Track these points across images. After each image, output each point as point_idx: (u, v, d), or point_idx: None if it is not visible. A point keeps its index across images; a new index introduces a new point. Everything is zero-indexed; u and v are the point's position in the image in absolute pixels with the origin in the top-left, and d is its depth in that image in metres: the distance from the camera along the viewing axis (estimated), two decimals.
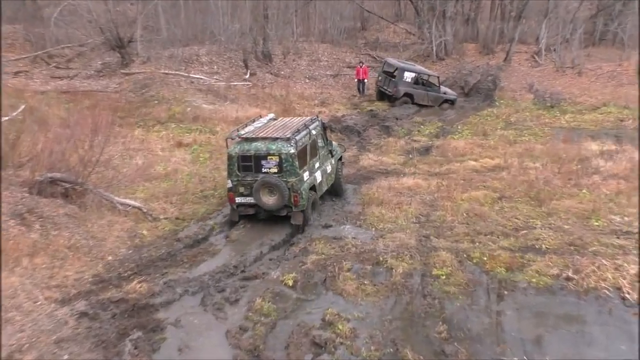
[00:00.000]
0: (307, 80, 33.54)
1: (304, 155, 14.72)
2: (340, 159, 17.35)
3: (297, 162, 14.21)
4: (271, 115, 16.75)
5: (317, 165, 15.49)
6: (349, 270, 12.04)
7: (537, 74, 35.02)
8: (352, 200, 16.29)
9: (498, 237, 13.43)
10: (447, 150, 21.49)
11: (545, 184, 16.73)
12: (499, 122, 26.34)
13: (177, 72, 29.93)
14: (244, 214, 14.74)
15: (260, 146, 14.22)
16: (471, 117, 27.48)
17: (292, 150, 14.13)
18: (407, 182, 17.41)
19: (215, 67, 32.67)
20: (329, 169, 16.28)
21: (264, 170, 14.21)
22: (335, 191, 16.80)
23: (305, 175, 14.69)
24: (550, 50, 37.58)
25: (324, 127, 16.54)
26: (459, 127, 25.44)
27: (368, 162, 20.26)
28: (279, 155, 14.06)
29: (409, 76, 29.39)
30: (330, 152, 16.65)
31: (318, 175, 15.45)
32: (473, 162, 19.66)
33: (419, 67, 31.56)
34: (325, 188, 16.05)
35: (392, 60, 31.43)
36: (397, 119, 26.76)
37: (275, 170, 14.16)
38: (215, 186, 17.05)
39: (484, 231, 13.74)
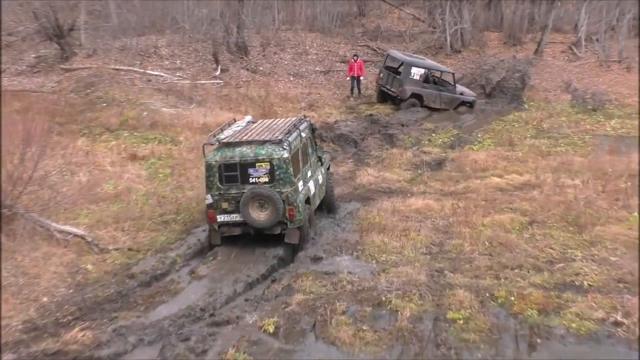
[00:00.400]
0: (291, 78, 33.68)
1: (297, 162, 15.00)
2: (328, 167, 17.74)
3: (291, 169, 14.49)
4: (249, 118, 17.01)
5: (309, 174, 15.78)
6: (343, 313, 12.01)
7: (576, 69, 35.32)
8: (348, 226, 16.30)
9: (528, 272, 13.45)
10: (465, 164, 21.57)
11: (586, 206, 16.80)
12: (529, 129, 26.51)
13: (130, 68, 29.99)
14: (228, 236, 14.91)
15: (247, 152, 14.50)
16: (494, 123, 27.66)
17: (286, 155, 14.38)
18: (416, 203, 17.45)
19: (178, 61, 32.77)
20: (320, 178, 16.57)
21: (251, 180, 14.46)
22: (327, 206, 17.06)
23: (300, 184, 14.93)
24: (592, 41, 37.93)
25: (313, 130, 16.83)
26: (479, 136, 25.58)
27: (367, 178, 20.31)
28: (270, 162, 14.33)
29: (417, 73, 29.56)
30: (320, 159, 16.94)
31: (311, 186, 15.75)
32: (497, 179, 19.74)
33: (429, 62, 31.76)
34: (318, 202, 16.29)
35: (396, 53, 31.61)
36: (402, 125, 26.88)
37: (266, 180, 14.42)
38: (178, 209, 17.03)
39: (510, 264, 13.76)
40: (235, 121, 16.74)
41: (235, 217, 14.65)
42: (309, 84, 33.31)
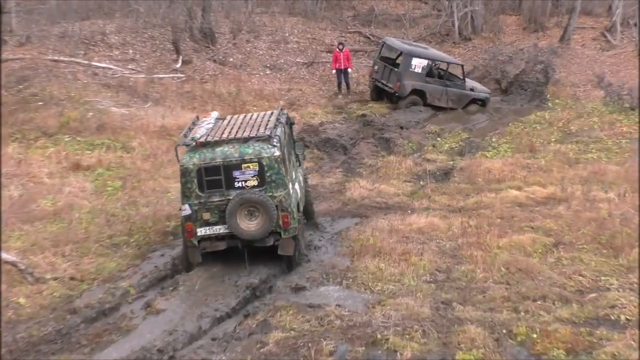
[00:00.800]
0: (267, 71, 33.76)
1: (285, 161, 15.21)
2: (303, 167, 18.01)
3: (283, 169, 14.77)
4: (215, 114, 17.09)
5: (294, 175, 16.08)
6: (331, 354, 12.00)
7: (610, 60, 35.57)
8: (336, 249, 16.32)
9: (554, 304, 13.48)
10: (476, 174, 21.67)
11: (623, 224, 16.85)
12: (553, 132, 26.67)
13: (72, 59, 29.94)
14: (210, 252, 15.06)
15: (230, 151, 14.66)
16: (512, 124, 27.82)
17: (277, 153, 14.64)
18: (418, 221, 17.49)
19: (131, 51, 32.77)
20: (301, 179, 16.87)
21: (237, 184, 14.66)
22: (305, 212, 17.01)
23: (290, 187, 15.19)
24: (629, 26, 38.22)
25: (291, 124, 17.16)
26: (494, 140, 25.71)
27: (359, 192, 20.36)
28: (259, 162, 14.56)
29: (419, 64, 29.67)
30: (298, 157, 17.17)
31: (297, 189, 16.07)
32: (515, 192, 19.83)
33: (433, 52, 31.91)
34: (302, 207, 16.40)
35: (393, 42, 31.71)
36: (401, 128, 26.99)
37: (255, 183, 14.65)
38: (130, 229, 17.00)
39: (532, 295, 13.79)
40: (199, 119, 16.78)
41: (219, 229, 14.79)
42: (289, 78, 33.40)
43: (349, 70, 32.10)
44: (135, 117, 25.01)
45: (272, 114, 16.47)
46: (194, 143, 14.91)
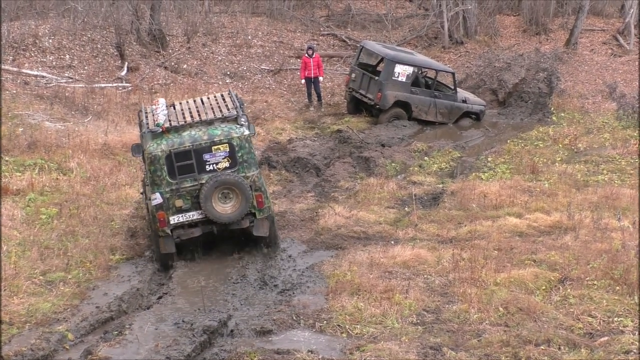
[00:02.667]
0: (227, 80, 33.83)
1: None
2: None
3: (254, 149, 17.02)
4: (163, 101, 18.30)
5: None
6: None
7: (623, 67, 35.89)
8: (308, 286, 16.35)
9: (559, 349, 13.55)
10: (470, 199, 21.75)
11: (638, 257, 16.99)
12: (559, 150, 26.82)
13: None
14: (185, 239, 16.96)
15: (199, 135, 16.64)
16: (510, 141, 27.98)
17: (247, 132, 16.77)
18: (402, 254, 17.53)
19: (68, 56, 32.76)
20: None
21: (208, 167, 16.65)
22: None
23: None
24: None
25: (242, 105, 18.12)
26: (490, 160, 25.84)
27: (334, 219, 20.38)
28: (230, 142, 16.61)
29: (403, 72, 29.79)
30: None
31: None
32: (515, 220, 19.92)
33: (420, 57, 32.07)
34: None
35: (374, 46, 31.86)
36: (383, 145, 27.09)
37: (227, 165, 16.70)
38: (68, 264, 16.93)
39: (534, 338, 13.86)
40: (145, 109, 18.25)
41: (193, 216, 16.73)
42: (252, 87, 33.48)
43: (320, 79, 32.14)
44: (73, 133, 24.94)
45: (222, 95, 18.47)
46: (160, 129, 16.54)
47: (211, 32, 37.03)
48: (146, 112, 17.98)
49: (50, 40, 33.28)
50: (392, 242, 18.68)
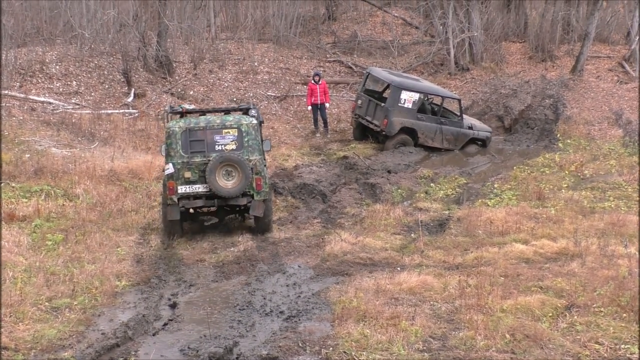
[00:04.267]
0: (234, 106, 33.89)
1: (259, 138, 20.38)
2: None
3: (259, 137, 20.23)
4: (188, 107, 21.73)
5: (265, 169, 20.74)
6: None
7: (629, 94, 35.91)
8: (314, 313, 16.33)
9: None
10: (476, 226, 21.76)
11: (639, 282, 17.00)
12: (565, 176, 26.83)
13: (6, 92, 29.97)
14: (189, 208, 20.20)
15: (213, 118, 20.16)
16: (517, 168, 28.02)
17: (255, 122, 20.09)
18: (408, 280, 17.51)
19: (75, 83, 32.88)
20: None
21: (217, 147, 19.75)
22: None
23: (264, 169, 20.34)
24: None
25: (260, 122, 21.29)
26: (496, 186, 25.86)
27: (340, 246, 20.37)
28: (239, 128, 19.84)
29: (409, 99, 29.88)
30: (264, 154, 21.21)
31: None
32: (521, 246, 19.90)
33: (426, 84, 32.17)
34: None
35: (380, 72, 31.96)
36: (389, 172, 27.15)
37: (234, 147, 19.80)
38: (74, 290, 16.93)
39: None
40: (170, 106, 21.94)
41: (198, 188, 19.73)
42: (259, 113, 33.56)
43: (326, 105, 32.22)
44: (80, 159, 25.03)
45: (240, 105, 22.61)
46: (181, 110, 20.79)
47: (218, 58, 37.17)
48: (173, 106, 22.19)
49: (57, 67, 33.41)
50: (399, 268, 18.65)
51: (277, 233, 21.07)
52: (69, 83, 32.63)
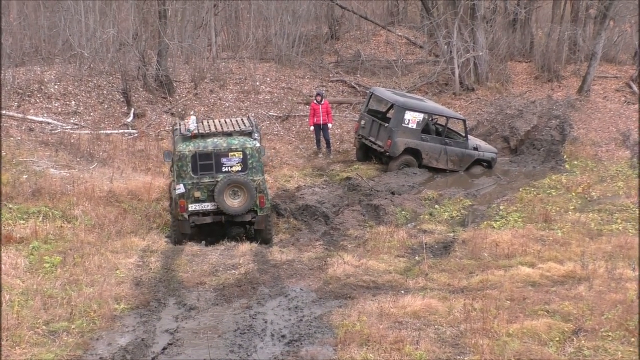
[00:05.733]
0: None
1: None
2: None
3: (262, 159, 22.33)
4: (194, 118, 23.17)
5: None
6: None
7: (636, 114, 35.88)
8: (316, 337, 16.29)
9: None
10: (482, 248, 21.73)
11: (638, 302, 16.97)
12: (572, 198, 26.81)
13: (3, 112, 29.98)
14: (199, 224, 22.29)
15: (220, 142, 22.12)
16: (523, 189, 28.02)
17: (258, 145, 22.18)
18: (412, 303, 17.48)
19: (74, 102, 32.94)
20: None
21: (224, 169, 21.97)
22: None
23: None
24: None
25: (257, 127, 23.68)
26: (502, 208, 25.84)
27: (343, 269, 20.35)
28: (243, 151, 22.00)
29: (413, 119, 29.86)
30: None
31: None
32: (527, 269, 19.87)
33: (431, 104, 32.15)
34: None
35: (383, 92, 31.96)
36: (393, 193, 27.12)
37: (239, 169, 22.07)
38: (71, 314, 16.89)
39: None
40: (179, 122, 23.74)
41: (207, 206, 22.02)
42: (260, 134, 33.55)
43: (329, 125, 32.21)
44: (78, 180, 25.03)
45: (242, 119, 24.20)
46: (190, 134, 22.01)
47: (219, 78, 37.22)
48: (180, 123, 23.43)
49: (56, 86, 33.48)
50: (402, 291, 18.62)
51: (278, 255, 21.03)
52: (67, 103, 32.68)
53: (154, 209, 24.57)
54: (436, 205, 26.39)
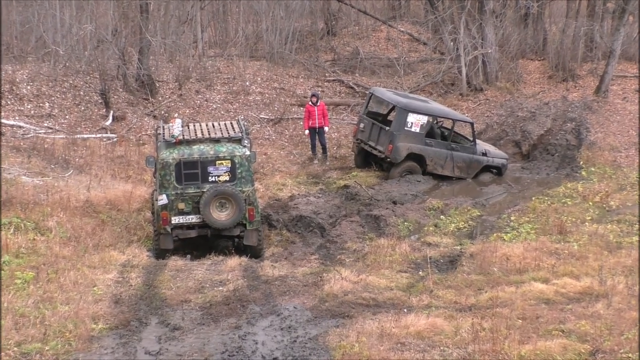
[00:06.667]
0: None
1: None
2: None
3: (252, 167, 22.15)
4: (179, 121, 23.05)
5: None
6: None
7: None
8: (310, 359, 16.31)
9: None
10: (491, 263, 21.74)
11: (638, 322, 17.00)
12: (589, 208, 26.84)
13: None
14: (182, 238, 22.07)
15: (207, 149, 21.84)
16: (535, 198, 28.05)
17: (248, 152, 21.89)
18: (416, 323, 17.48)
19: (48, 104, 32.94)
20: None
21: (211, 179, 21.76)
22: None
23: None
24: None
25: (247, 132, 23.21)
26: (513, 219, 25.88)
27: (341, 285, 20.35)
28: (232, 159, 21.78)
29: (416, 122, 29.88)
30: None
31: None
32: (541, 285, 19.89)
33: (435, 106, 32.19)
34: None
35: (384, 93, 31.99)
36: (394, 203, 27.14)
37: (227, 178, 21.82)
38: (45, 334, 16.90)
39: None
40: (163, 125, 23.53)
41: (192, 219, 21.85)
42: (251, 139, 33.58)
43: (325, 129, 32.20)
44: (53, 188, 25.03)
45: (231, 122, 23.96)
46: (174, 140, 21.69)
47: (205, 77, 37.25)
48: (163, 127, 23.17)
49: (29, 87, 33.48)
50: (405, 310, 18.63)
51: (270, 270, 21.03)
52: (41, 105, 32.68)
53: (134, 220, 24.57)
54: (442, 216, 26.40)
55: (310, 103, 32.02)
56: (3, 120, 30.43)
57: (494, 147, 32.09)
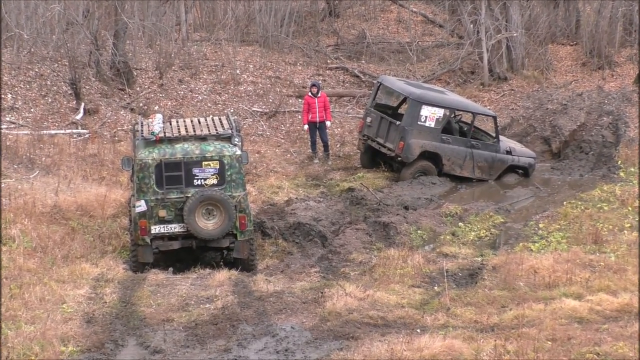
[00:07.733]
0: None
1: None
2: None
3: (243, 169, 21.76)
4: (160, 116, 23.09)
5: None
6: None
7: None
8: None
9: None
10: (516, 277, 21.78)
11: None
12: (628, 214, 26.85)
13: None
14: (164, 251, 21.71)
15: (191, 148, 21.37)
16: (567, 203, 28.04)
17: (238, 152, 21.47)
18: (431, 345, 17.51)
19: (10, 96, 33.01)
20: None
21: (196, 182, 21.29)
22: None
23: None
24: None
25: (238, 128, 23.16)
26: (541, 227, 25.89)
27: (345, 302, 20.39)
28: (220, 160, 21.30)
29: (431, 115, 29.88)
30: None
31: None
32: (573, 302, 19.91)
33: (453, 97, 32.22)
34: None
35: (394, 82, 32.04)
36: (406, 208, 27.19)
37: (215, 182, 21.37)
38: (8, 357, 16.94)
39: None
40: (141, 121, 23.22)
41: (175, 228, 21.40)
42: (242, 136, 33.64)
43: (327, 123, 32.20)
44: (16, 192, 25.10)
45: (220, 118, 23.77)
46: (154, 138, 21.17)
47: (190, 65, 37.31)
48: (142, 124, 22.72)
49: None
50: (418, 330, 18.65)
51: (264, 285, 21.02)
52: (2, 96, 32.71)
53: (109, 228, 24.60)
54: (460, 223, 26.44)
55: (310, 94, 32.04)
56: None
57: (520, 144, 32.12)
